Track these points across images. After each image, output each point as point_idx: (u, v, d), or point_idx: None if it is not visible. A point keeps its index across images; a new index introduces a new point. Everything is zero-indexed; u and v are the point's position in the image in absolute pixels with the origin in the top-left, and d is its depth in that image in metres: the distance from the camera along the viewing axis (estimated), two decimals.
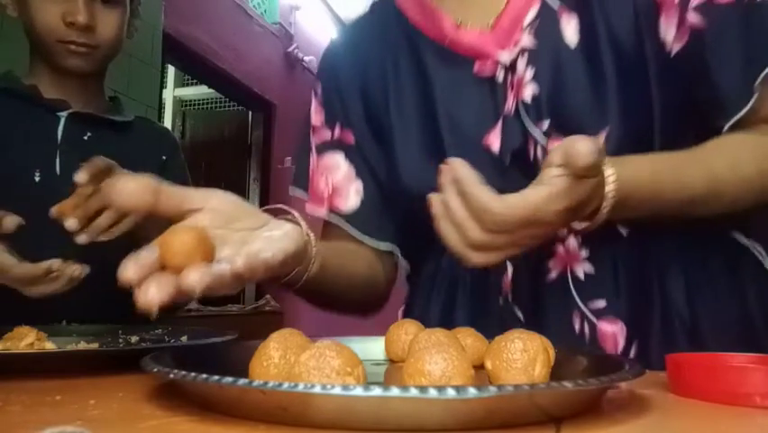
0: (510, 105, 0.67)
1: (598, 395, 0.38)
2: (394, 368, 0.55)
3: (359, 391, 0.29)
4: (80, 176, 0.82)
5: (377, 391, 0.29)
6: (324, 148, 0.79)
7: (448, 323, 0.63)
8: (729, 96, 0.61)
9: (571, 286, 0.65)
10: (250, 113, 4.54)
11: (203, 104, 5.16)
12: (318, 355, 0.34)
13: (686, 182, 0.59)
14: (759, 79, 0.60)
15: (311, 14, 4.96)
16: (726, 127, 0.62)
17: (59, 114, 1.08)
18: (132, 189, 0.43)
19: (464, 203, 0.50)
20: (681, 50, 0.63)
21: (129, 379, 0.48)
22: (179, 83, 5.07)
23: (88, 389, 0.45)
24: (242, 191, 4.42)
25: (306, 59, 4.77)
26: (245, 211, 0.49)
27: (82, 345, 0.66)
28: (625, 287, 0.64)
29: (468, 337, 0.54)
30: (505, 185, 0.52)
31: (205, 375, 0.33)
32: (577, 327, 0.64)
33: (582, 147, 0.46)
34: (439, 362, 0.35)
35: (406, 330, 0.57)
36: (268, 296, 3.88)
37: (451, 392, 0.29)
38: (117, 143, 1.12)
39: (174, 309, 1.24)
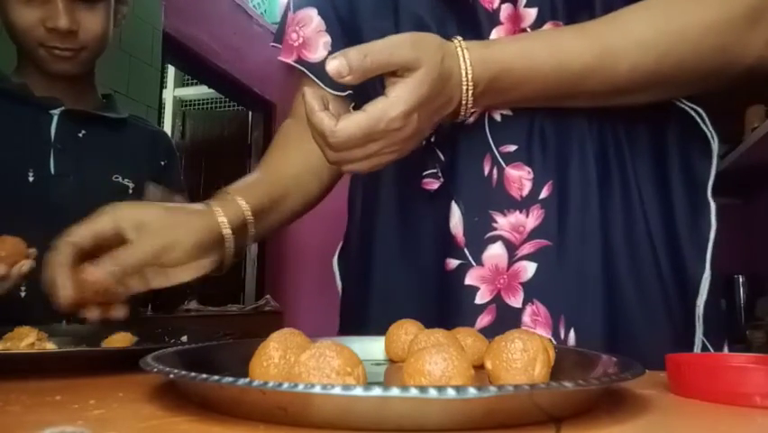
0: None
1: (598, 395, 0.38)
2: (394, 368, 0.55)
3: (359, 391, 0.29)
4: None
5: (377, 391, 0.29)
6: (299, 3, 0.83)
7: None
8: None
9: (487, 129, 0.66)
10: (250, 113, 4.53)
11: (203, 104, 5.16)
12: (318, 355, 0.34)
13: (568, 53, 0.58)
14: None
15: None
16: None
17: (51, 112, 1.04)
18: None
19: (313, 130, 0.56)
20: None
21: (129, 379, 0.47)
22: (179, 83, 5.07)
23: (88, 389, 0.45)
24: None
25: None
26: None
27: (82, 346, 0.66)
28: (539, 133, 0.65)
29: (468, 337, 0.54)
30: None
31: (205, 375, 0.33)
32: (486, 170, 0.65)
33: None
34: (439, 362, 0.35)
35: (407, 330, 0.57)
36: (268, 296, 3.88)
37: (451, 392, 0.29)
38: (112, 141, 1.10)
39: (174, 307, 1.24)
